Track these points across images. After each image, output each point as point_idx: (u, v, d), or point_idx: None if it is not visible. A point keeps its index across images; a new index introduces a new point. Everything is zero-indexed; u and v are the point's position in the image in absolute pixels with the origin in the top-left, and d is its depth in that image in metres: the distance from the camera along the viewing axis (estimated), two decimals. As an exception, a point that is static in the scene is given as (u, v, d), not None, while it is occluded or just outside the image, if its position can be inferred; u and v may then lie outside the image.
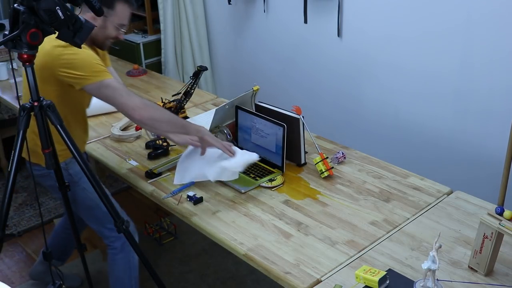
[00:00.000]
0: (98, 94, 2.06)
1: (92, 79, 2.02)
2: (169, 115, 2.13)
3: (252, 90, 2.49)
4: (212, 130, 2.48)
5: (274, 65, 3.77)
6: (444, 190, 2.18)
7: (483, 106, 2.70)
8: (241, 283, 2.91)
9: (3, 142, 3.91)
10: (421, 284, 1.58)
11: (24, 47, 1.72)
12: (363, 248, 1.86)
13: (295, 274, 1.75)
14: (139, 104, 2.02)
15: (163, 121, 2.06)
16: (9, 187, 1.85)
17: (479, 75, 2.67)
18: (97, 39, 2.17)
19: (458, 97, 2.78)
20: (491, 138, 2.69)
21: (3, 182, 3.78)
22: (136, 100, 2.04)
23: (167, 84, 3.32)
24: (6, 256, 3.17)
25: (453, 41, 2.71)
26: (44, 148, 1.88)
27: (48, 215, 3.48)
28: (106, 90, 2.02)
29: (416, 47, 2.87)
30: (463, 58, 2.70)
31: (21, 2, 1.70)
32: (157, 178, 2.32)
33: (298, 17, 3.42)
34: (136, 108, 2.01)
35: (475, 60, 2.67)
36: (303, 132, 2.32)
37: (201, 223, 2.04)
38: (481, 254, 1.68)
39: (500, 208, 1.61)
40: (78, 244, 2.29)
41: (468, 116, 2.77)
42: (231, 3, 3.84)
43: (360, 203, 2.12)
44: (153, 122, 2.05)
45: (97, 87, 2.03)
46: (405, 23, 2.89)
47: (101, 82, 2.02)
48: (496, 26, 2.53)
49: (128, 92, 2.07)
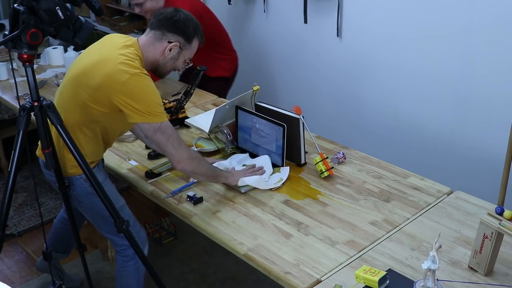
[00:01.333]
0: (150, 134, 2.01)
1: (149, 119, 1.96)
2: (207, 168, 2.15)
3: (252, 90, 2.49)
4: (212, 130, 2.49)
5: (274, 65, 3.77)
6: (444, 190, 2.18)
7: (483, 107, 2.70)
8: (241, 283, 2.91)
9: (3, 142, 3.91)
10: (421, 284, 1.58)
11: (24, 47, 1.72)
12: (363, 248, 1.86)
13: (295, 274, 1.75)
14: (185, 158, 2.04)
15: (201, 174, 2.14)
16: (9, 187, 1.86)
17: (480, 75, 2.67)
18: (163, 68, 2.13)
19: (458, 97, 2.78)
20: (491, 138, 2.69)
21: (3, 182, 3.78)
22: (184, 154, 2.04)
23: (167, 84, 3.32)
24: (6, 256, 3.17)
25: (454, 42, 2.70)
26: (44, 148, 1.88)
27: (48, 215, 3.48)
28: (161, 135, 1.99)
29: (416, 47, 2.87)
30: (463, 59, 2.70)
31: (21, 2, 1.70)
32: (157, 178, 2.32)
33: (298, 17, 3.42)
34: (182, 161, 2.04)
35: (476, 61, 2.67)
36: (303, 132, 2.32)
37: (201, 223, 2.04)
38: (481, 254, 1.68)
39: (500, 208, 1.61)
40: (78, 244, 2.29)
41: (468, 116, 2.77)
42: (231, 3, 3.84)
43: (360, 203, 2.12)
44: (193, 174, 2.15)
45: (152, 129, 1.98)
46: (405, 23, 2.89)
47: (158, 125, 1.97)
48: (497, 29, 2.53)
49: (179, 142, 2.04)
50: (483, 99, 2.68)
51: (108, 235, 2.31)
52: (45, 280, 2.92)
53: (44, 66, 3.69)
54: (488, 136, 2.70)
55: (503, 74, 2.58)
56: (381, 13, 2.98)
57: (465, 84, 2.72)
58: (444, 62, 2.78)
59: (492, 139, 2.69)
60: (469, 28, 2.64)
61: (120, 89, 1.93)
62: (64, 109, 2.04)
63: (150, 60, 2.09)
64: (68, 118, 2.02)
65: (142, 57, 2.05)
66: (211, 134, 2.50)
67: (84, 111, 2.02)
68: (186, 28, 2.09)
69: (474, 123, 2.75)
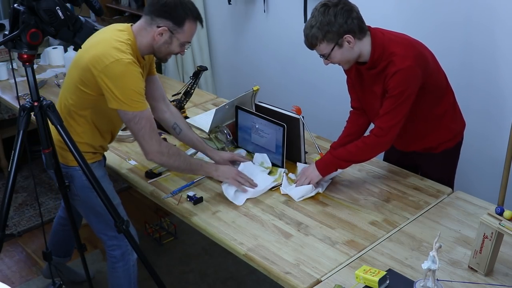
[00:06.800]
0: (125, 122, 2.05)
1: (124, 106, 1.98)
2: (180, 162, 2.16)
3: (252, 90, 2.49)
4: (212, 130, 2.49)
5: (274, 65, 3.77)
6: (444, 190, 2.18)
7: (483, 107, 2.70)
8: (241, 283, 2.91)
9: (3, 142, 3.91)
10: (421, 284, 1.57)
11: (24, 47, 1.72)
12: (363, 248, 1.86)
13: (295, 274, 1.75)
14: (154, 151, 2.08)
15: (173, 167, 2.22)
16: (9, 187, 1.85)
17: (479, 75, 2.67)
18: (159, 52, 2.12)
19: (458, 97, 2.77)
20: (491, 139, 2.69)
21: (3, 182, 3.78)
22: (154, 147, 2.07)
23: (167, 84, 3.32)
24: (6, 256, 3.16)
25: (454, 42, 2.70)
26: (44, 148, 1.88)
27: (48, 215, 3.47)
28: (134, 125, 2.02)
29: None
30: (463, 58, 2.70)
31: (21, 2, 1.70)
32: (157, 178, 2.32)
33: (298, 17, 3.41)
34: (150, 153, 2.08)
35: (475, 60, 2.67)
36: (303, 132, 2.32)
37: (201, 223, 2.04)
38: (481, 254, 1.68)
39: (500, 208, 1.61)
40: (78, 244, 2.28)
41: (468, 116, 2.76)
42: (231, 3, 3.84)
43: (360, 203, 2.12)
44: (164, 166, 2.28)
45: (127, 117, 2.01)
46: (404, 23, 2.89)
47: (132, 114, 2.00)
48: (497, 26, 2.53)
49: (151, 134, 2.06)
50: (483, 99, 2.68)
51: (98, 234, 2.31)
52: (45, 280, 2.92)
53: (44, 66, 3.69)
54: (488, 136, 2.70)
55: (503, 74, 2.58)
56: (381, 13, 2.98)
57: (465, 84, 2.72)
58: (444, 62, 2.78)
59: (492, 139, 2.69)
60: (469, 28, 2.64)
61: (104, 71, 1.95)
62: (64, 96, 2.13)
63: (144, 45, 2.08)
64: (65, 104, 2.10)
65: (134, 41, 2.05)
66: (211, 134, 2.50)
67: (77, 96, 2.07)
68: (173, 11, 2.04)
69: (474, 123, 2.74)
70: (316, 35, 2.01)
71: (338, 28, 1.99)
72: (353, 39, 2.01)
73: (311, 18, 2.05)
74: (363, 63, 2.11)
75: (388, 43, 2.05)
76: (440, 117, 2.22)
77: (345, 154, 2.14)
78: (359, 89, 2.24)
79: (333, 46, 2.02)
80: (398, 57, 2.01)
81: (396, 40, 2.08)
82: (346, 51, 2.04)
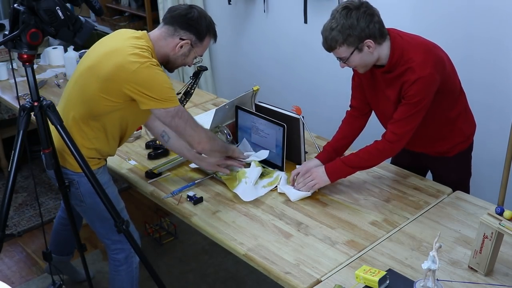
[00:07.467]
0: (168, 121, 2.02)
1: (164, 104, 1.97)
2: (221, 145, 2.25)
3: (252, 90, 2.49)
4: (212, 130, 2.48)
5: (274, 65, 3.77)
6: (444, 190, 2.18)
7: (483, 106, 2.69)
8: (241, 283, 2.91)
9: (3, 142, 3.91)
10: (421, 284, 1.57)
11: (24, 47, 1.72)
12: (363, 248, 1.86)
13: (295, 274, 1.75)
14: (204, 138, 2.12)
15: (218, 151, 2.23)
16: (9, 187, 1.86)
17: (479, 74, 2.67)
18: (174, 63, 2.12)
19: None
20: (491, 138, 2.69)
21: (3, 182, 3.78)
22: (202, 134, 2.12)
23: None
24: (6, 256, 3.16)
25: (453, 40, 2.70)
26: (44, 148, 1.88)
27: (48, 215, 3.47)
28: (179, 120, 2.02)
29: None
30: (463, 57, 2.69)
31: (21, 2, 1.70)
32: (157, 178, 2.32)
33: (298, 17, 3.42)
34: (202, 142, 2.11)
35: (475, 59, 2.67)
36: (303, 132, 2.32)
37: (201, 223, 2.04)
38: (481, 254, 1.68)
39: (500, 208, 1.61)
40: (78, 244, 2.28)
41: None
42: (231, 3, 3.84)
43: (360, 203, 2.12)
44: (211, 153, 2.25)
45: (170, 115, 2.00)
46: (404, 22, 2.88)
47: (174, 110, 1.99)
48: (497, 24, 2.53)
49: (196, 123, 2.09)
50: (483, 99, 2.68)
51: (102, 238, 2.30)
52: (45, 280, 2.92)
53: (44, 66, 3.69)
54: (488, 136, 2.70)
55: (503, 73, 2.58)
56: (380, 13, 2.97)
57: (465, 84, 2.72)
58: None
59: (492, 139, 2.69)
60: (469, 28, 2.64)
61: (131, 78, 1.93)
62: (73, 103, 2.06)
63: (161, 53, 2.08)
64: (78, 111, 2.04)
65: (153, 48, 2.05)
66: (211, 134, 2.50)
67: (94, 104, 2.01)
68: (199, 26, 2.07)
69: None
70: (336, 38, 1.95)
71: (360, 32, 1.93)
72: (373, 44, 1.96)
73: (331, 20, 1.97)
74: (378, 66, 2.06)
75: (407, 48, 2.00)
76: (453, 120, 2.20)
77: (357, 161, 2.12)
78: (370, 91, 2.19)
79: (353, 50, 1.97)
80: (418, 64, 1.96)
81: (413, 43, 2.03)
82: (366, 55, 1.98)
